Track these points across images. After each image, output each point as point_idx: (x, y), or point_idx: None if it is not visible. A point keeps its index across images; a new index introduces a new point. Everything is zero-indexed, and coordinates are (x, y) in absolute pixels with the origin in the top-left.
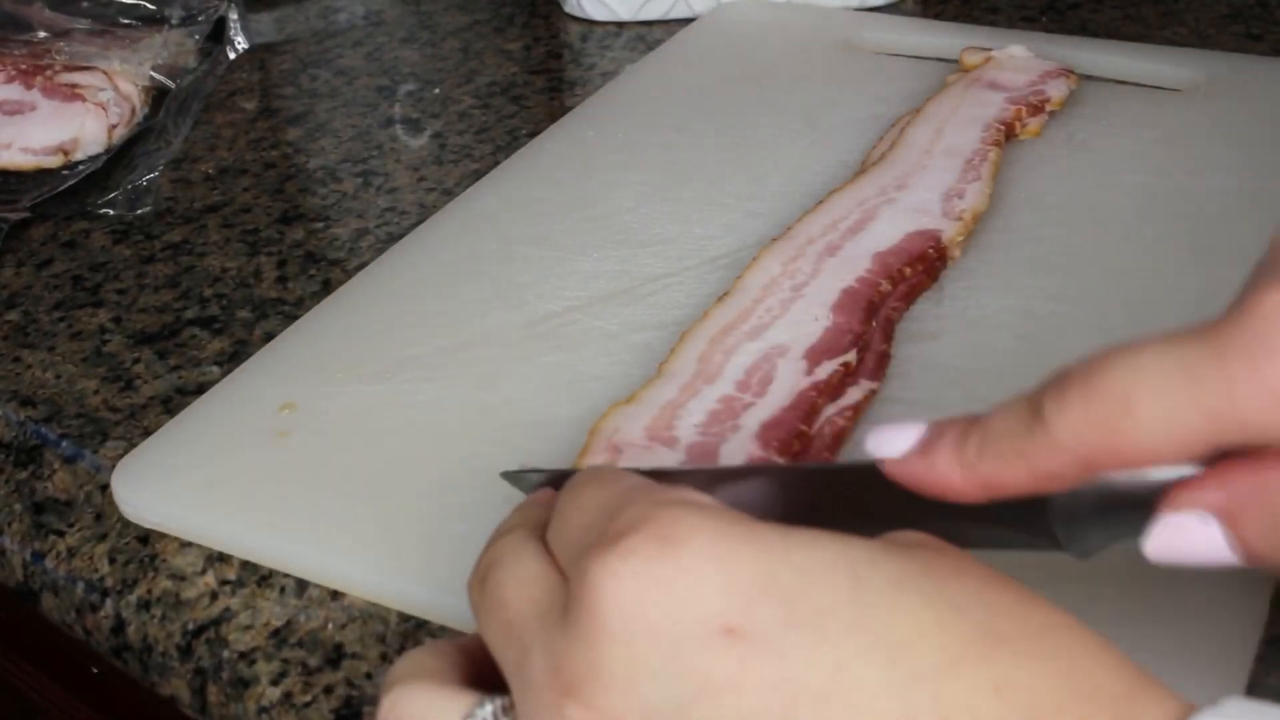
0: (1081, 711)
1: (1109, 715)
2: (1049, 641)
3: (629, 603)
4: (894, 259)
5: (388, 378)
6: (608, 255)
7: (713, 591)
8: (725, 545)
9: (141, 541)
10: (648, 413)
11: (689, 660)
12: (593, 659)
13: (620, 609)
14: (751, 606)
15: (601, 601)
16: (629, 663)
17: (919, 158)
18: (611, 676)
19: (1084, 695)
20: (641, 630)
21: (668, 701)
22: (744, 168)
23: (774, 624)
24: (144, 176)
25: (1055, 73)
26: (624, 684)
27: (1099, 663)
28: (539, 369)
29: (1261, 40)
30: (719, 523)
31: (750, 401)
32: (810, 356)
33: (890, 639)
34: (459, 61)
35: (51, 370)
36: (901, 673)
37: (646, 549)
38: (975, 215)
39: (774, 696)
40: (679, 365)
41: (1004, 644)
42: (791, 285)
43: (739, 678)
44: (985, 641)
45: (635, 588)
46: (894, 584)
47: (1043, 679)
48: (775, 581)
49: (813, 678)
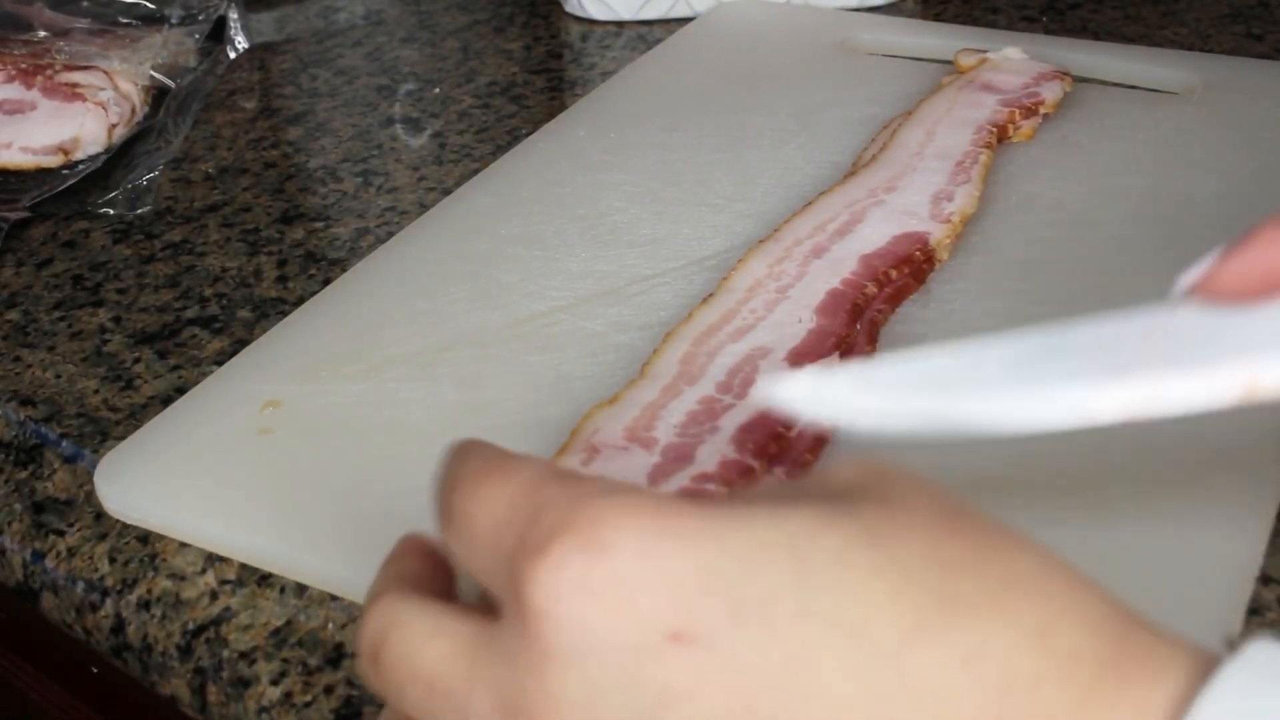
0: (1063, 680)
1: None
2: (1015, 600)
3: (572, 623)
4: (880, 261)
5: (372, 376)
6: (595, 255)
7: (654, 597)
8: (657, 542)
9: (141, 541)
10: (628, 413)
11: (643, 673)
12: (547, 687)
13: (564, 630)
14: (695, 607)
15: (544, 625)
16: (583, 685)
17: (909, 160)
18: (569, 702)
19: (1065, 660)
20: (590, 649)
21: (627, 716)
22: (735, 168)
23: (720, 622)
24: (144, 176)
25: (1050, 75)
26: (584, 708)
27: (1076, 619)
28: (524, 369)
29: (1262, 40)
30: (644, 517)
31: (730, 403)
32: (793, 358)
33: (842, 620)
34: (459, 61)
35: (51, 370)
36: (859, 654)
37: (578, 560)
38: (964, 218)
39: (732, 696)
40: (661, 366)
41: (965, 608)
42: (777, 287)
43: (694, 683)
44: (944, 608)
45: (575, 605)
46: (838, 559)
47: (1014, 646)
48: (715, 575)
49: (768, 672)
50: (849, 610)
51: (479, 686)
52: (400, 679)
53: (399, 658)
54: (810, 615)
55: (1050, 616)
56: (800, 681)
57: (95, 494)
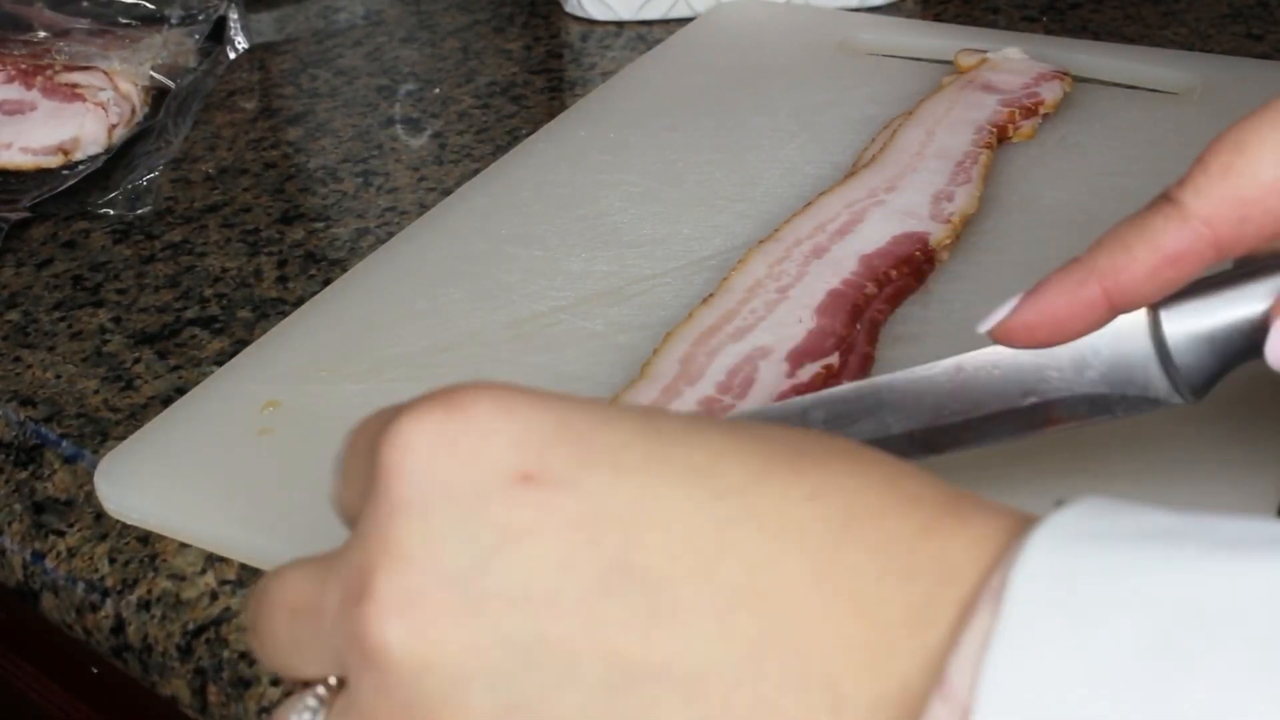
0: (906, 513)
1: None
2: (862, 458)
3: (419, 467)
4: (880, 261)
5: (372, 377)
6: (595, 255)
7: (505, 443)
8: (515, 400)
9: (141, 542)
10: None
11: (486, 513)
12: (388, 543)
13: (410, 475)
14: (545, 451)
15: (392, 474)
16: (424, 532)
17: (909, 160)
18: (407, 553)
19: (907, 500)
20: (436, 493)
21: (469, 560)
22: (735, 168)
23: (570, 464)
24: (144, 176)
25: (1050, 75)
26: (420, 556)
27: (918, 475)
28: (523, 369)
29: (1262, 40)
30: (506, 385)
31: (731, 403)
32: (792, 359)
33: (690, 464)
34: (459, 61)
35: (51, 370)
36: (706, 490)
37: (434, 414)
38: (964, 218)
39: (577, 532)
40: (661, 366)
41: (813, 459)
42: (777, 287)
43: (538, 520)
44: (792, 457)
45: (425, 451)
46: (689, 423)
47: (858, 487)
48: (568, 427)
49: (614, 507)
50: (696, 457)
51: (331, 582)
52: (269, 618)
53: (269, 599)
54: (658, 460)
55: (894, 469)
56: (646, 515)
57: (95, 494)
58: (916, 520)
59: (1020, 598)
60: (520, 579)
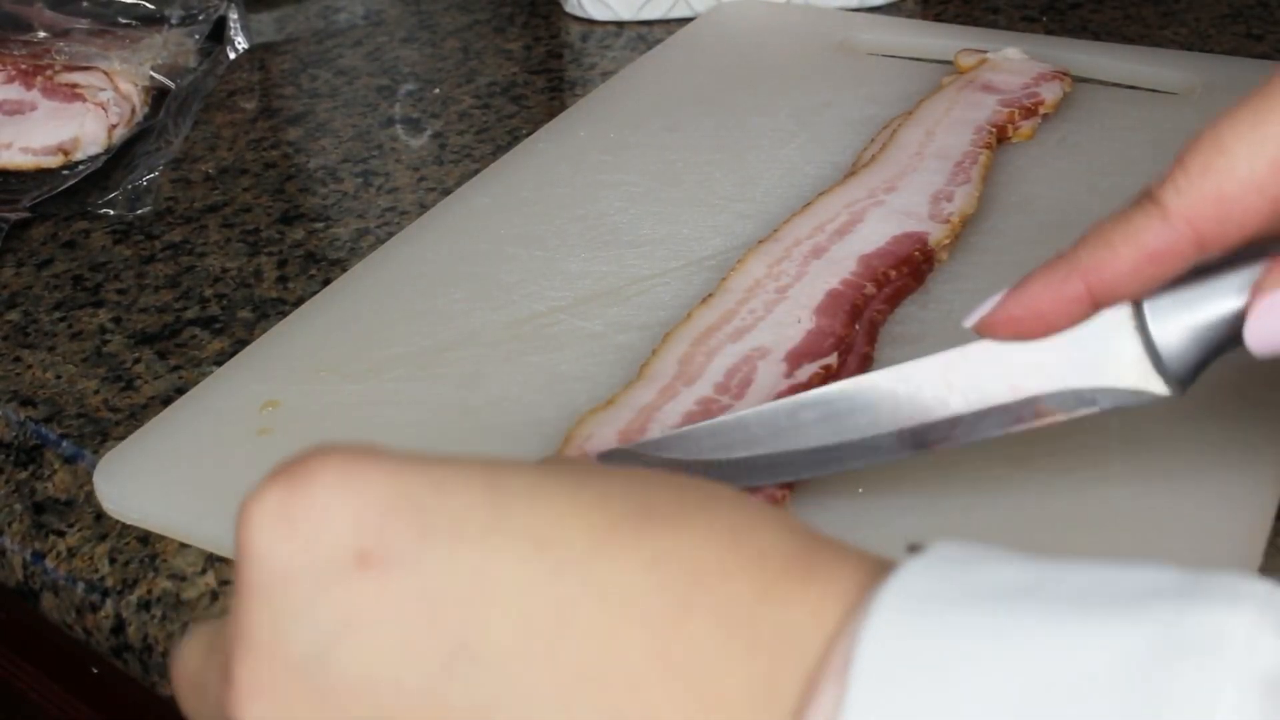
0: (751, 573)
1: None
2: (710, 512)
3: (265, 554)
4: (879, 262)
5: (371, 377)
6: (595, 255)
7: (343, 521)
8: (356, 472)
9: (141, 542)
10: (623, 416)
11: (326, 599)
12: (240, 627)
13: (258, 563)
14: (384, 527)
15: (243, 563)
16: (270, 618)
17: (909, 160)
18: (256, 640)
19: (752, 557)
20: (278, 578)
21: (311, 649)
22: (735, 169)
23: (408, 539)
24: (144, 176)
25: (1050, 75)
26: (268, 643)
27: (767, 527)
28: (522, 369)
29: (1262, 40)
30: (353, 453)
31: (728, 404)
32: (790, 359)
33: (531, 534)
34: (459, 61)
35: (52, 370)
36: (546, 562)
37: (277, 492)
38: (963, 218)
39: (416, 614)
40: (659, 367)
41: (658, 520)
42: (776, 287)
43: (378, 605)
44: (636, 520)
45: (269, 534)
46: (532, 485)
47: (704, 546)
48: (406, 498)
49: (454, 584)
50: (538, 526)
51: (211, 659)
52: (179, 690)
53: (175, 670)
54: (499, 530)
55: (743, 521)
56: (487, 593)
57: (95, 494)
58: (759, 582)
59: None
60: (363, 666)
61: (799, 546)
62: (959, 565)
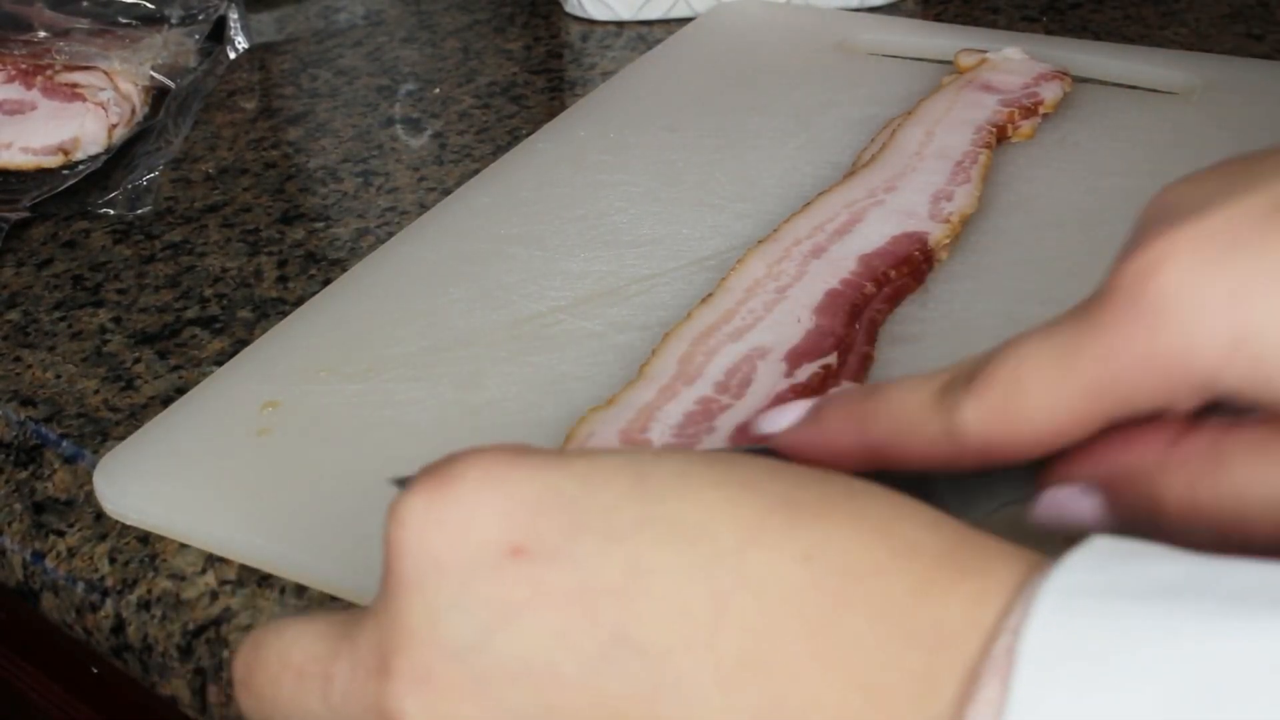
0: (903, 569)
1: (937, 569)
2: (857, 504)
3: (416, 549)
4: (879, 261)
5: (371, 377)
6: (595, 255)
7: (493, 516)
8: (502, 469)
9: (141, 542)
10: (624, 415)
11: (481, 589)
12: (397, 620)
13: (410, 557)
14: (535, 522)
15: (393, 558)
16: (425, 609)
17: (909, 160)
18: (412, 630)
19: (903, 553)
20: (430, 570)
21: (469, 637)
22: (735, 168)
23: (559, 534)
24: (144, 176)
25: (1050, 75)
26: (425, 633)
27: (912, 520)
28: (522, 369)
29: (1262, 40)
30: (500, 451)
31: (728, 403)
32: (790, 358)
33: (682, 524)
34: (459, 61)
35: (52, 370)
36: (699, 554)
37: (427, 490)
38: (963, 217)
39: (573, 606)
40: (659, 367)
41: (806, 511)
42: (776, 287)
43: (533, 595)
44: (785, 510)
45: (418, 529)
46: (679, 474)
47: (855, 540)
48: (556, 493)
49: (608, 577)
50: (688, 516)
51: (344, 650)
52: (271, 677)
53: (271, 657)
54: (650, 522)
55: (891, 516)
56: (641, 584)
57: (95, 494)
58: (914, 576)
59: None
60: (520, 654)
61: (948, 540)
62: (1120, 560)
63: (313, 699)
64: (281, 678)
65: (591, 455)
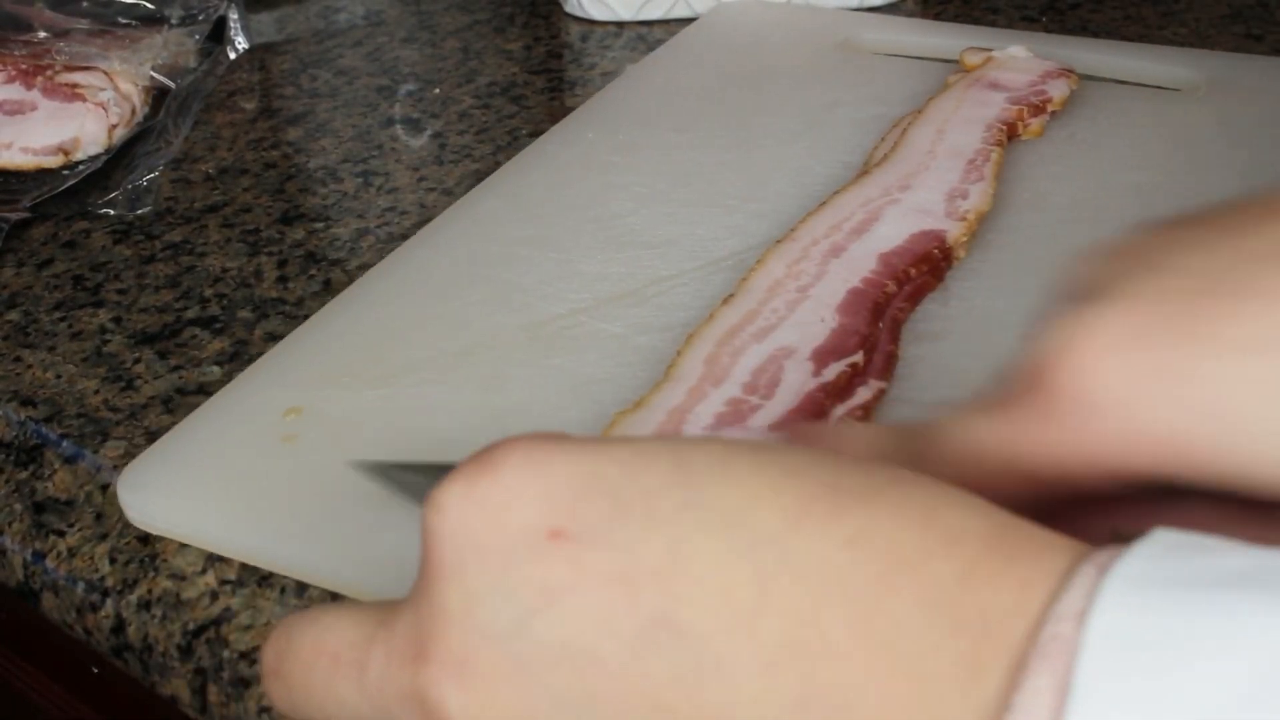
0: (949, 555)
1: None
2: (902, 490)
3: (455, 533)
4: (899, 259)
5: (393, 382)
6: (610, 257)
7: (533, 499)
8: (543, 454)
9: (142, 541)
10: (655, 418)
11: (521, 573)
12: (435, 605)
13: (448, 542)
14: (575, 506)
15: (432, 542)
16: (464, 593)
17: (922, 158)
18: (450, 615)
19: (949, 539)
20: (470, 554)
21: (509, 621)
22: (745, 168)
23: (601, 518)
24: (144, 176)
25: (1056, 73)
26: (463, 617)
27: (957, 506)
28: (544, 372)
29: (1262, 40)
30: (540, 438)
31: (758, 404)
32: (817, 357)
33: (724, 508)
34: (459, 61)
35: (52, 370)
36: (742, 538)
37: (466, 475)
38: (979, 215)
39: (614, 588)
40: (686, 368)
41: (850, 496)
42: (797, 286)
43: (574, 578)
44: (829, 497)
45: (457, 513)
46: (720, 460)
47: (900, 526)
48: (597, 478)
49: (649, 560)
50: (729, 500)
51: (380, 636)
52: (305, 664)
53: (305, 645)
54: (691, 507)
55: (934, 500)
56: (682, 567)
57: (96, 494)
58: (960, 562)
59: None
60: (561, 637)
61: (994, 527)
62: (1183, 551)
63: (347, 686)
64: (315, 665)
65: (632, 442)
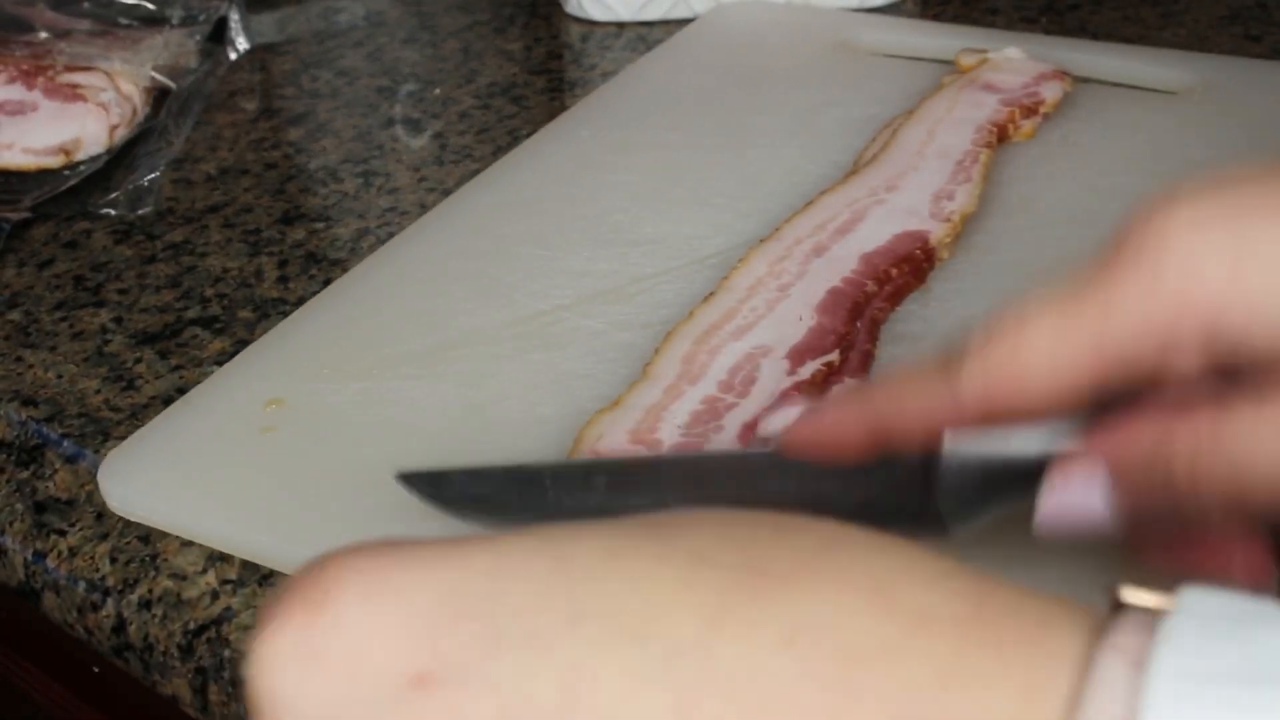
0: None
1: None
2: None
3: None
4: (881, 260)
5: (375, 375)
6: (597, 254)
7: (384, 640)
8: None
9: (143, 541)
10: (632, 416)
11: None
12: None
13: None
14: (439, 640)
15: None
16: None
17: (910, 159)
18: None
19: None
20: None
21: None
22: (737, 168)
23: (472, 650)
24: (145, 177)
25: (1050, 75)
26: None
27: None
28: (525, 367)
29: (1260, 41)
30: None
31: (733, 402)
32: (793, 356)
33: (623, 617)
34: (460, 62)
35: (53, 370)
36: (652, 653)
37: (296, 618)
38: (964, 217)
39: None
40: (663, 366)
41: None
42: (778, 285)
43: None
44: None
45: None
46: (607, 553)
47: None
48: (458, 597)
49: (540, 697)
50: (630, 605)
51: None
52: None
53: None
54: (582, 619)
55: (886, 573)
56: (580, 702)
57: (97, 494)
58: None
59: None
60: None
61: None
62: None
63: None
64: None
65: (494, 542)
